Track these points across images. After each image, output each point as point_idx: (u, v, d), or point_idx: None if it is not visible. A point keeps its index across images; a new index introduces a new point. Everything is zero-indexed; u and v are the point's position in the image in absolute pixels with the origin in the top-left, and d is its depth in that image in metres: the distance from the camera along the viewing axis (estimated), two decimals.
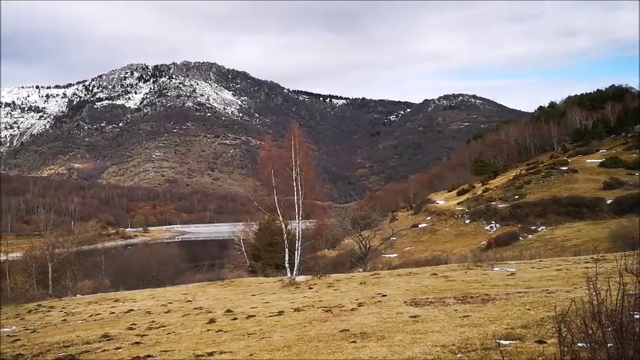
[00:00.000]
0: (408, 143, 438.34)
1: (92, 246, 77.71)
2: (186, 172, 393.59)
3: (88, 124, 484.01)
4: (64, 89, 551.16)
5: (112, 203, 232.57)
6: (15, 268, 51.31)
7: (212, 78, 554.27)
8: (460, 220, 76.36)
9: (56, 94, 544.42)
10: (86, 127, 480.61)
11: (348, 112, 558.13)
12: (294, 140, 30.65)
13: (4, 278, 47.73)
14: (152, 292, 26.63)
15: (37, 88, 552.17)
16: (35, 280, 44.51)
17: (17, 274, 48.27)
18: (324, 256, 57.47)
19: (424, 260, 45.21)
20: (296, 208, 30.25)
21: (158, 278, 41.97)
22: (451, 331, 9.52)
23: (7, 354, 11.91)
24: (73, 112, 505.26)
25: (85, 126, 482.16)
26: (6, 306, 25.43)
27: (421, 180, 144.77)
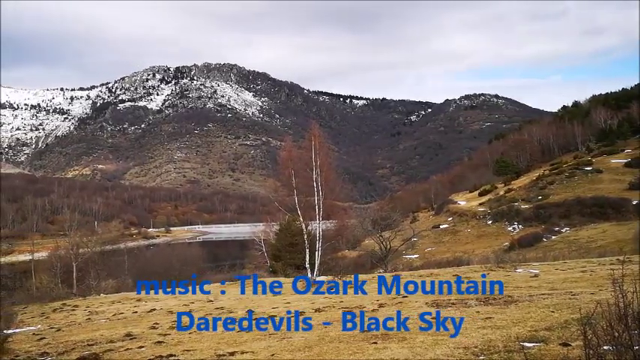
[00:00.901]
0: (429, 143, 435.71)
1: (115, 246, 78.79)
2: (208, 172, 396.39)
3: (111, 125, 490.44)
4: (87, 91, 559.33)
5: (134, 204, 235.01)
6: (40, 267, 52.24)
7: (233, 79, 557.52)
8: (482, 221, 75.64)
9: (80, 96, 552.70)
10: (109, 129, 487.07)
11: (368, 112, 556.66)
12: (314, 141, 30.70)
13: (30, 277, 48.63)
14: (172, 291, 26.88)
15: (62, 91, 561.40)
16: (60, 279, 45.22)
17: (43, 273, 49.13)
18: (344, 257, 57.40)
19: (445, 261, 44.88)
20: (316, 209, 30.28)
21: (180, 278, 42.30)
22: (473, 332, 9.43)
23: (32, 352, 12.11)
24: (96, 114, 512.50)
25: (108, 127, 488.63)
26: (32, 305, 25.88)
27: (442, 180, 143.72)
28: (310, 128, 33.39)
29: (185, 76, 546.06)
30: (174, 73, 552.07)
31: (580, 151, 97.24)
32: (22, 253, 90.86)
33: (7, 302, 19.17)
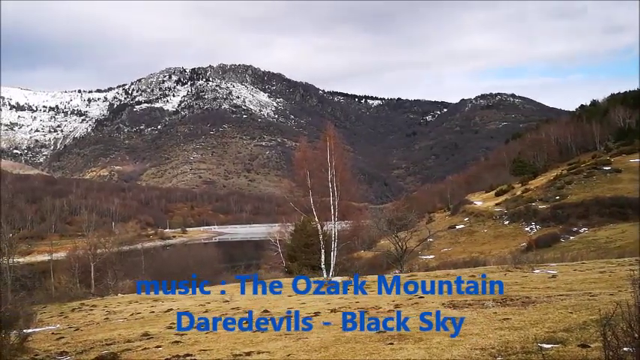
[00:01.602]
0: (444, 143, 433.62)
1: (132, 246, 79.47)
2: (223, 173, 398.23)
3: (128, 126, 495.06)
4: (104, 93, 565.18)
5: (151, 204, 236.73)
6: (59, 267, 52.86)
7: (248, 80, 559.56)
8: (499, 221, 75.05)
9: (97, 97, 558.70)
10: (126, 130, 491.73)
11: (383, 112, 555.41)
12: (329, 141, 30.69)
13: (49, 277, 49.23)
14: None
15: (80, 93, 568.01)
16: (78, 279, 45.75)
17: (61, 273, 49.71)
18: (360, 258, 57.30)
19: (462, 262, 44.65)
20: (332, 209, 30.27)
21: (197, 278, 42.56)
22: (490, 334, 9.37)
23: (52, 351, 12.26)
24: (113, 116, 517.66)
25: (125, 129, 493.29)
26: (50, 304, 26.20)
27: (458, 181, 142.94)
28: (325, 129, 33.40)
29: (201, 77, 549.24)
30: (190, 75, 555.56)
31: (598, 150, 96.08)
32: (41, 254, 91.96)
33: (27, 302, 19.42)
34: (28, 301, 20.29)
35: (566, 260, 32.31)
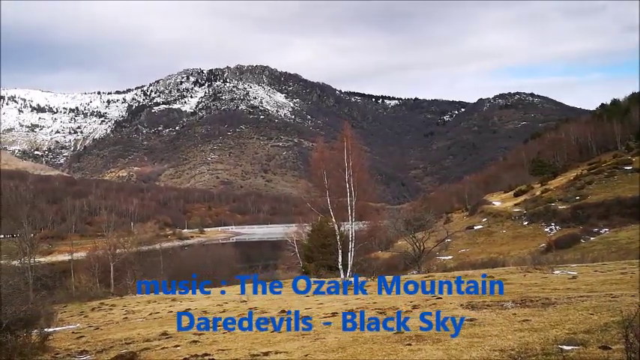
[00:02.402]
0: (462, 143, 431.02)
1: (151, 246, 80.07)
2: (240, 174, 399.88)
3: (146, 128, 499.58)
4: (123, 94, 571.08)
5: (169, 205, 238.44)
6: (79, 267, 53.54)
7: (265, 81, 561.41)
8: (517, 222, 74.38)
9: (116, 99, 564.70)
10: (144, 131, 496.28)
11: (400, 112, 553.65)
12: (346, 142, 30.69)
13: (69, 277, 49.86)
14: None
15: (99, 94, 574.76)
16: (98, 279, 46.29)
17: (81, 273, 50.36)
18: (377, 258, 57.18)
19: (480, 263, 44.33)
20: (349, 210, 30.24)
21: (214, 278, 42.79)
22: (510, 335, 9.28)
23: (72, 350, 12.40)
24: (132, 117, 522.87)
25: (144, 130, 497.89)
26: (71, 304, 26.54)
27: (476, 181, 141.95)
28: (342, 129, 33.39)
29: (218, 78, 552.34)
30: (208, 76, 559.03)
31: (619, 150, 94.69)
32: (61, 253, 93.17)
33: (48, 301, 19.67)
34: (49, 301, 20.56)
35: (587, 261, 31.88)
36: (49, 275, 38.49)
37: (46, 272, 39.99)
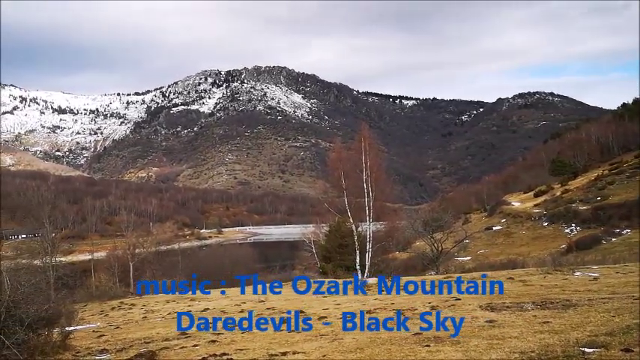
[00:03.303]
0: (481, 143, 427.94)
1: (169, 246, 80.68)
2: (258, 174, 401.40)
3: (165, 129, 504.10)
4: (142, 96, 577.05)
5: (187, 205, 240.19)
6: (99, 266, 54.15)
7: (282, 81, 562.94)
8: (537, 223, 73.57)
9: (135, 100, 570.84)
10: (163, 132, 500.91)
11: (418, 112, 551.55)
12: (363, 142, 30.65)
13: (90, 276, 50.44)
14: (226, 292, 27.28)
15: (119, 96, 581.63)
16: (118, 278, 46.75)
17: (101, 272, 50.96)
18: (395, 259, 56.91)
19: (499, 264, 43.92)
20: (366, 210, 30.17)
21: (232, 278, 42.99)
22: (530, 337, 9.18)
23: (93, 349, 12.53)
24: (151, 118, 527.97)
25: (162, 131, 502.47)
26: (91, 303, 26.85)
27: (495, 181, 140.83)
28: (360, 129, 33.34)
29: (236, 79, 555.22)
30: (226, 77, 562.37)
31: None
32: (82, 253, 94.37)
33: (69, 300, 19.91)
34: (69, 300, 20.78)
35: (608, 262, 31.41)
36: (69, 274, 38.91)
37: (67, 271, 40.47)
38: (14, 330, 10.48)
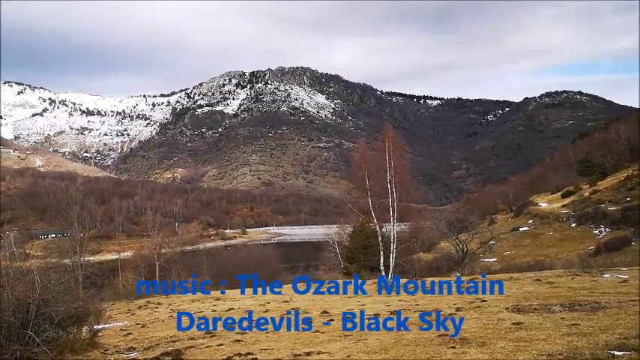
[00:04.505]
0: (507, 143, 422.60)
1: (194, 246, 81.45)
2: (282, 175, 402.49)
3: (190, 130, 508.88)
4: (168, 97, 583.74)
5: (212, 206, 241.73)
6: (126, 266, 54.83)
7: (306, 82, 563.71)
8: (565, 224, 72.43)
9: (161, 102, 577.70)
10: (188, 133, 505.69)
11: (443, 112, 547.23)
12: (387, 142, 30.45)
13: (117, 275, 51.17)
14: (251, 292, 27.44)
15: (145, 97, 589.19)
16: (144, 277, 47.25)
17: (128, 271, 51.59)
18: (419, 260, 56.61)
19: (526, 265, 43.41)
20: (391, 211, 30.02)
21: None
22: (558, 339, 9.05)
23: (120, 347, 12.72)
24: (176, 119, 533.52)
25: (187, 132, 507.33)
26: (118, 302, 27.24)
27: (522, 182, 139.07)
28: (383, 129, 33.17)
29: (260, 80, 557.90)
30: (250, 78, 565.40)
31: None
32: (109, 252, 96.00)
33: (97, 299, 20.25)
34: (97, 298, 21.14)
35: (638, 264, 30.74)
36: (97, 274, 39.54)
37: (95, 271, 41.09)
38: (44, 328, 10.69)
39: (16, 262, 37.04)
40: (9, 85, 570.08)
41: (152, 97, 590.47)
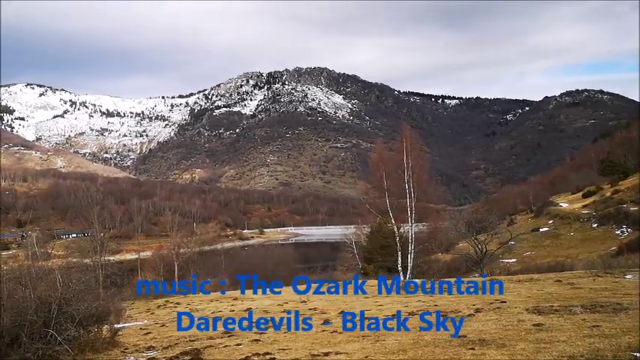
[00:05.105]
0: (526, 143, 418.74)
1: (212, 246, 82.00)
2: (299, 175, 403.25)
3: (208, 130, 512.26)
4: (186, 98, 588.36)
5: (230, 206, 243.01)
6: (145, 265, 55.36)
7: (323, 82, 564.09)
8: (586, 224, 71.51)
9: (179, 103, 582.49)
10: (206, 134, 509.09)
11: (461, 112, 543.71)
12: (405, 142, 30.42)
13: (137, 275, 51.67)
14: (269, 292, 27.49)
15: (163, 99, 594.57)
16: (163, 277, 47.65)
17: (147, 271, 52.07)
18: (437, 260, 56.31)
19: (546, 266, 42.90)
20: (408, 211, 29.92)
21: (274, 278, 43.34)
22: (579, 341, 8.93)
23: (140, 346, 12.83)
24: (194, 120, 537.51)
25: (205, 133, 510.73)
26: (138, 301, 27.47)
27: (542, 182, 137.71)
28: (401, 129, 33.09)
29: (277, 80, 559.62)
30: (267, 79, 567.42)
31: None
32: (129, 252, 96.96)
33: (117, 298, 20.45)
34: (117, 298, 21.35)
35: None
36: (117, 273, 39.94)
37: (115, 270, 41.53)
38: (66, 326, 10.84)
39: (39, 261, 37.62)
40: (31, 87, 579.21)
41: (170, 98, 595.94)
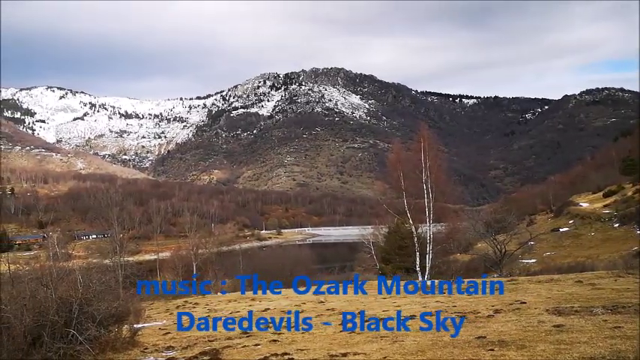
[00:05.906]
0: (546, 142, 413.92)
1: (230, 247, 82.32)
2: (316, 176, 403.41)
3: (225, 132, 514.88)
4: (204, 100, 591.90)
5: (247, 207, 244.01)
6: (164, 266, 55.73)
7: (340, 83, 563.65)
8: (607, 224, 70.60)
9: (197, 104, 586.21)
10: (224, 135, 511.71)
11: (479, 111, 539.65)
12: (423, 142, 30.25)
13: (155, 275, 52.06)
14: (286, 293, 27.52)
15: (181, 100, 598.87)
16: (181, 277, 47.94)
17: (166, 272, 52.42)
18: (456, 261, 55.82)
19: (566, 266, 42.44)
20: (426, 211, 29.78)
21: (291, 279, 43.40)
22: (600, 342, 8.82)
23: (159, 346, 12.94)
24: (212, 122, 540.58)
25: (223, 134, 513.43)
26: (157, 301, 27.71)
27: (562, 181, 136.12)
28: (419, 129, 32.92)
29: (294, 81, 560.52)
30: (284, 80, 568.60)
31: None
32: (147, 253, 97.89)
33: (136, 298, 20.66)
34: (137, 298, 21.57)
35: None
36: (137, 273, 40.25)
37: (135, 271, 41.86)
38: (87, 326, 10.98)
39: (60, 262, 38.11)
40: (51, 90, 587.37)
41: (188, 99, 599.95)
